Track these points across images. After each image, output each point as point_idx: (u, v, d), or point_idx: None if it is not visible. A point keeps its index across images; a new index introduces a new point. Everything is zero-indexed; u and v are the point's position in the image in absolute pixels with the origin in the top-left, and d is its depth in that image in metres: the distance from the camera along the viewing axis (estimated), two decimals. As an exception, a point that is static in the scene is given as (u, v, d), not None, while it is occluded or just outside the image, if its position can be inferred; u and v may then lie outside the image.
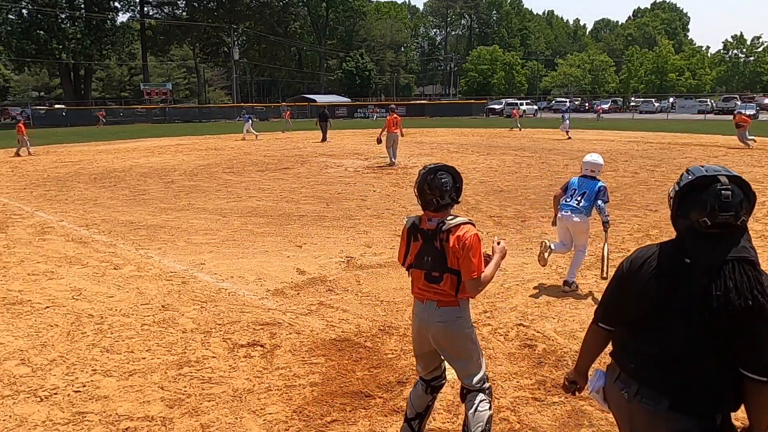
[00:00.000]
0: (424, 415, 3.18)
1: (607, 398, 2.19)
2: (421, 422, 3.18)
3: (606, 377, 2.19)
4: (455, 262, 2.83)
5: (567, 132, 26.94)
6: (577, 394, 2.43)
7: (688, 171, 1.97)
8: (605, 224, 5.70)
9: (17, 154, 21.64)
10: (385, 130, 17.08)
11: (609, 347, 2.23)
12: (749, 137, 21.15)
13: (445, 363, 3.15)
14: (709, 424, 1.91)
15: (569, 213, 5.79)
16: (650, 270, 1.98)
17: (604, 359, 2.29)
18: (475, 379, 3.04)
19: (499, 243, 3.02)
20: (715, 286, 1.83)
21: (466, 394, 3.07)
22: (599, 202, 5.72)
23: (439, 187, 2.89)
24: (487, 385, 3.09)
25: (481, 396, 3.02)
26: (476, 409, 2.99)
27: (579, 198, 5.80)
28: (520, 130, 33.10)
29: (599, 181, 5.88)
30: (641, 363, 2.01)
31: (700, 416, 1.91)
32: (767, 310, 1.80)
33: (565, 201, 5.90)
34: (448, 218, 2.90)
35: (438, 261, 2.87)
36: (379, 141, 17.44)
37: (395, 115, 17.13)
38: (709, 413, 1.92)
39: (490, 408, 3.04)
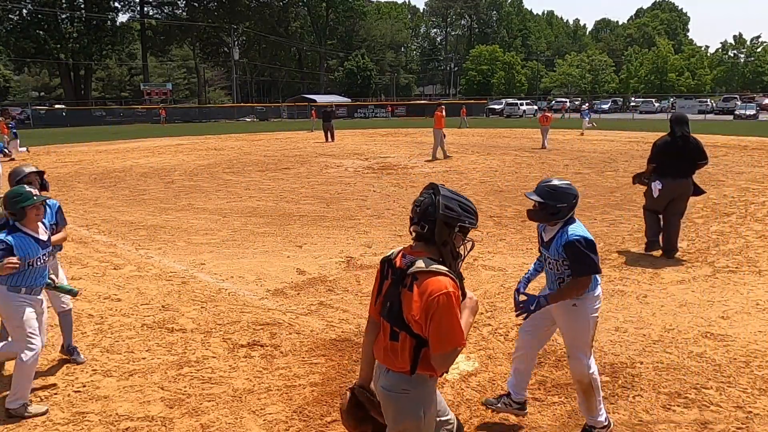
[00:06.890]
0: None
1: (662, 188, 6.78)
2: None
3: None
4: (411, 318, 2.10)
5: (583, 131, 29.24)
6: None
7: None
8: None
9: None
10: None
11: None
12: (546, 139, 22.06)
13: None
14: None
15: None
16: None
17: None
18: None
19: (471, 297, 2.30)
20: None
21: None
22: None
23: (419, 210, 2.18)
24: None
25: None
26: None
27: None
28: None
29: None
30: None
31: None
32: None
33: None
34: (419, 259, 2.13)
35: (395, 312, 2.15)
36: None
37: (436, 113, 18.72)
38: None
39: None
